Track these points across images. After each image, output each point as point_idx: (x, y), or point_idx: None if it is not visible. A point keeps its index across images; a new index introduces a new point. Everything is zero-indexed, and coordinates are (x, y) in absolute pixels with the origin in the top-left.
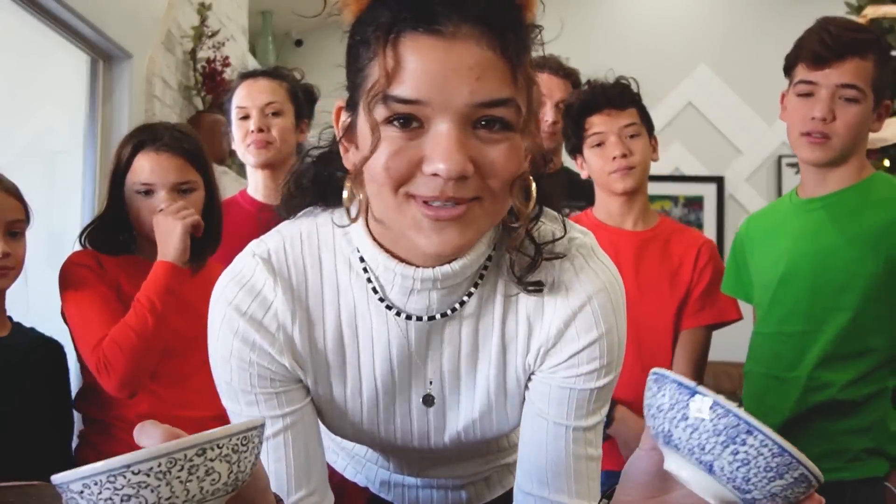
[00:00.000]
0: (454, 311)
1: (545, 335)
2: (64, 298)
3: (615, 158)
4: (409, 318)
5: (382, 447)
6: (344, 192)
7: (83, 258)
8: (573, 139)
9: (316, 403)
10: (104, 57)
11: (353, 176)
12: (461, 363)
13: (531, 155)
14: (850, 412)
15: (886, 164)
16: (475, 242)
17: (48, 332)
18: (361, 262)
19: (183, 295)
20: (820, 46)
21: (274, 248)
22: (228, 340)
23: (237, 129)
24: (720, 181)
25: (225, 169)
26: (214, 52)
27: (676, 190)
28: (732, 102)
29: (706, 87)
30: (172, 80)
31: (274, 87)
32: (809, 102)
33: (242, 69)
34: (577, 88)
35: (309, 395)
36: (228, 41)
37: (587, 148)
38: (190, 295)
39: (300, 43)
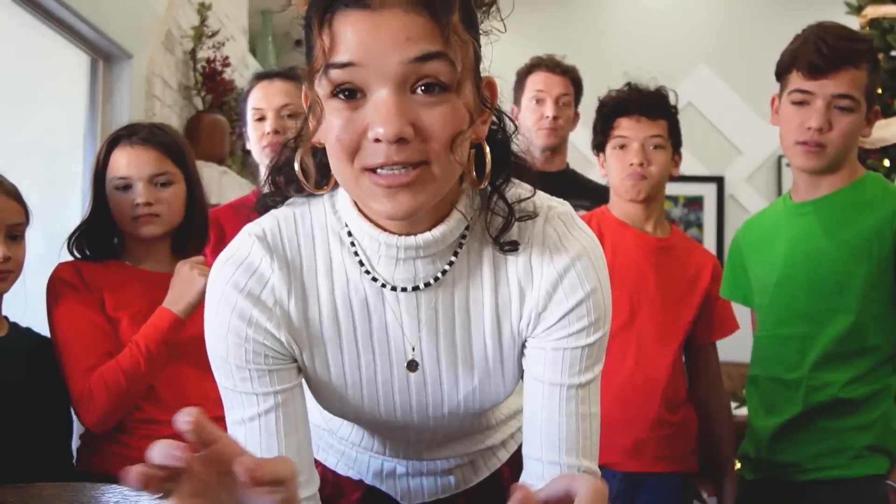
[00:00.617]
0: (437, 279)
1: (535, 299)
2: (49, 316)
3: (632, 165)
4: (394, 289)
5: (379, 426)
6: (296, 164)
7: (66, 273)
8: (600, 136)
9: (313, 380)
10: (104, 57)
11: (307, 148)
12: (456, 333)
13: (486, 118)
14: (852, 410)
15: (886, 164)
16: (427, 205)
17: (46, 332)
18: (350, 236)
19: None
20: (816, 56)
21: (269, 227)
22: (226, 317)
23: (253, 130)
24: (720, 181)
25: (225, 169)
26: (214, 52)
27: (676, 190)
28: (732, 102)
29: (706, 87)
30: (172, 80)
31: (289, 88)
32: (804, 111)
33: (254, 70)
34: (577, 85)
35: (300, 375)
36: (228, 41)
37: (610, 148)
38: None
39: (300, 43)
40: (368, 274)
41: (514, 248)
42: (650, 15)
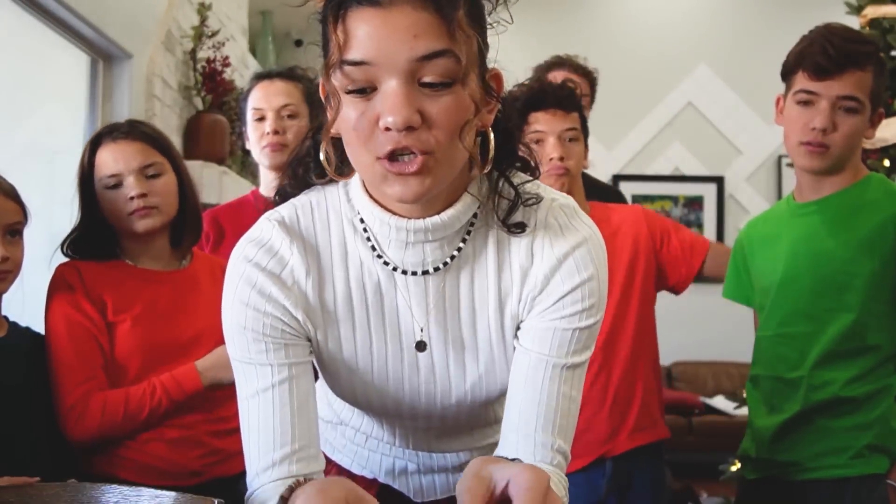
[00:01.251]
0: (446, 264)
1: (534, 282)
2: (46, 319)
3: (552, 159)
4: (405, 273)
5: (388, 412)
6: (321, 153)
7: (67, 274)
8: None
9: (326, 361)
10: (104, 57)
11: (328, 137)
12: (462, 317)
13: (492, 108)
14: (852, 409)
15: (886, 164)
16: (436, 188)
17: (42, 330)
18: (362, 223)
19: (171, 298)
20: (822, 58)
21: (288, 214)
22: (246, 291)
23: (252, 130)
24: (720, 181)
25: (225, 169)
26: (214, 52)
27: (676, 190)
28: (732, 102)
29: (706, 87)
30: (172, 80)
31: (290, 89)
32: (809, 112)
33: (254, 70)
34: (594, 88)
35: (311, 355)
36: (228, 41)
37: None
38: (177, 296)
39: (300, 43)
40: (380, 258)
41: (521, 228)
42: (650, 15)
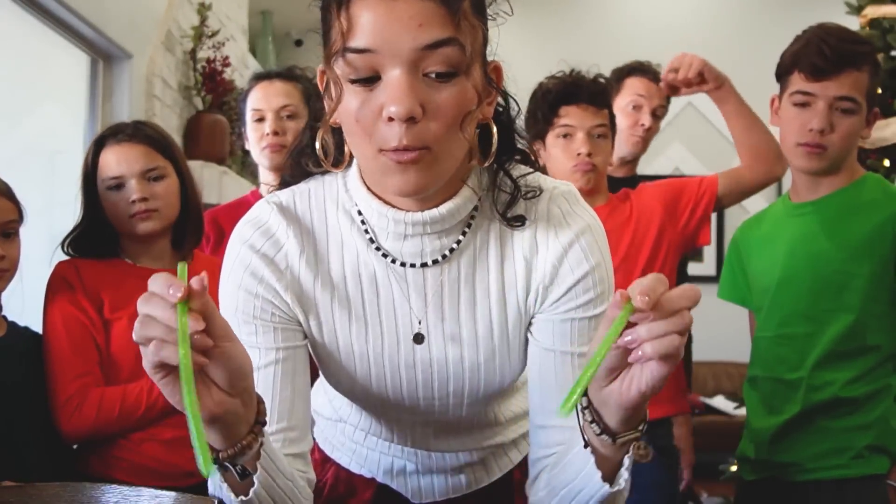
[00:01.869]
0: (446, 256)
1: (542, 273)
2: (44, 314)
3: (580, 155)
4: (404, 265)
5: (386, 407)
6: (317, 142)
7: (65, 272)
8: (541, 124)
9: (321, 351)
10: (104, 57)
11: (335, 127)
12: (461, 310)
13: (492, 100)
14: (852, 410)
15: (886, 163)
16: (436, 182)
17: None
18: (360, 214)
19: None
20: (819, 58)
21: (286, 199)
22: (239, 274)
23: (252, 130)
24: None
25: (225, 169)
26: (214, 52)
27: None
28: None
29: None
30: (172, 80)
31: (289, 89)
32: (806, 113)
33: (255, 70)
34: (669, 98)
35: (305, 340)
36: (228, 41)
37: (552, 137)
38: None
39: (300, 43)
40: (379, 250)
41: (521, 222)
42: (650, 15)
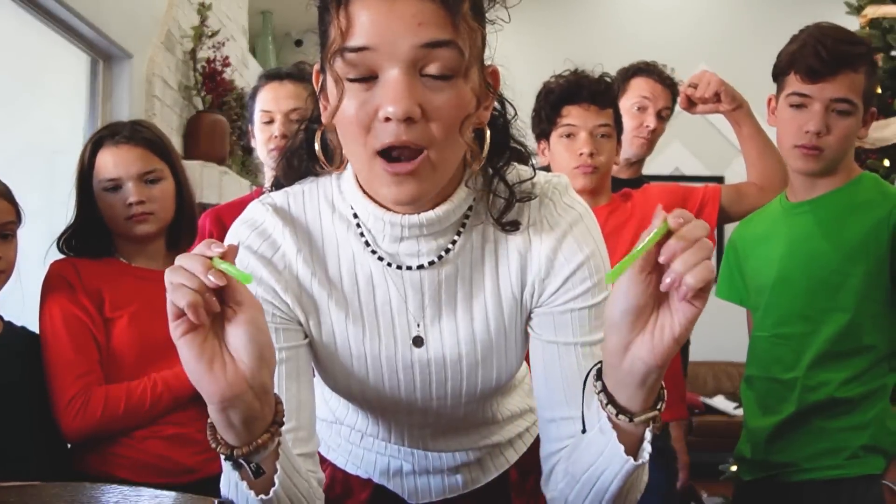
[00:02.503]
0: (441, 257)
1: (537, 267)
2: (42, 313)
3: (582, 155)
4: (400, 267)
5: (384, 407)
6: (315, 143)
7: (64, 270)
8: (544, 124)
9: (320, 351)
10: (104, 57)
11: (330, 128)
12: (459, 309)
13: (489, 104)
14: (847, 410)
15: (886, 163)
16: (432, 190)
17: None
18: (355, 217)
19: (166, 297)
20: (815, 60)
21: (280, 200)
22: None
23: (260, 131)
24: (720, 181)
25: (225, 169)
26: (214, 52)
27: None
28: None
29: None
30: (172, 80)
31: (299, 91)
32: (803, 115)
33: (255, 70)
34: (674, 100)
35: (307, 339)
36: (228, 41)
37: (555, 136)
38: None
39: (300, 43)
40: (374, 253)
41: (515, 227)
42: (650, 15)
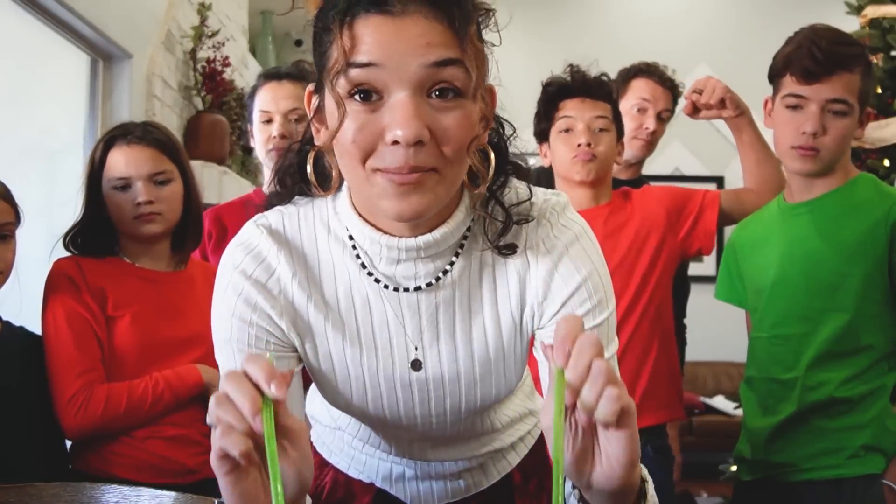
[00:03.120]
0: (439, 279)
1: (535, 289)
2: (45, 310)
3: (579, 146)
4: (397, 289)
5: (384, 424)
6: (308, 166)
7: (68, 268)
8: (543, 122)
9: (317, 373)
10: (104, 57)
11: (327, 150)
12: (457, 330)
13: (488, 124)
14: (847, 409)
15: (886, 163)
16: (436, 207)
17: (39, 330)
18: (351, 239)
19: (169, 298)
20: (810, 61)
21: (274, 222)
22: (232, 301)
23: (259, 131)
24: (720, 181)
25: (225, 169)
26: (214, 52)
27: None
28: None
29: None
30: (172, 80)
31: (298, 91)
32: (799, 116)
33: (255, 70)
34: (675, 101)
35: (300, 364)
36: (228, 41)
37: (554, 133)
38: (175, 296)
39: (300, 43)
40: (371, 275)
41: (512, 251)
42: (650, 15)
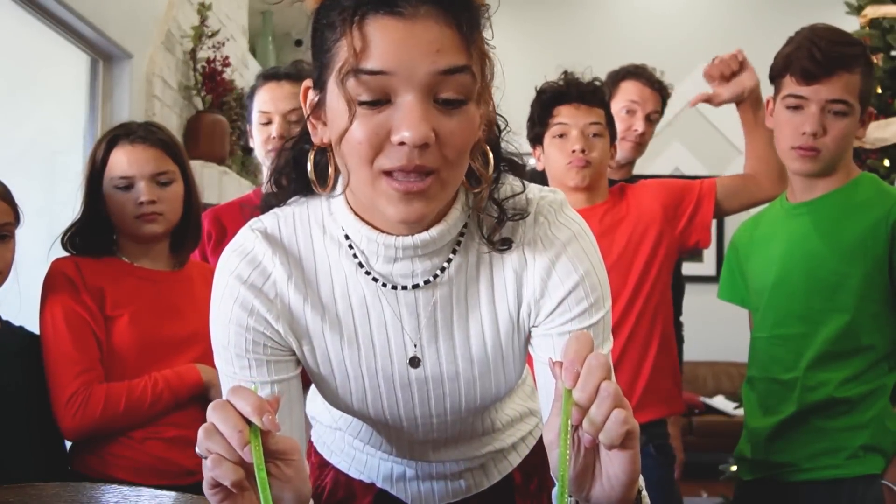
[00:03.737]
0: (437, 276)
1: (532, 287)
2: (43, 310)
3: (574, 152)
4: (395, 287)
5: (385, 424)
6: (308, 164)
7: (66, 268)
8: (537, 127)
9: (316, 375)
10: (104, 57)
11: (329, 149)
12: (455, 328)
13: (488, 125)
14: (847, 410)
15: (886, 163)
16: (436, 210)
17: (38, 329)
18: (347, 239)
19: (167, 297)
20: (809, 62)
21: (270, 224)
22: (229, 306)
23: (258, 132)
24: None
25: (225, 169)
26: (214, 52)
27: None
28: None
29: (706, 87)
30: (172, 80)
31: (297, 92)
32: (799, 116)
33: (255, 70)
34: (664, 103)
35: (298, 368)
36: (228, 41)
37: (548, 138)
38: (174, 296)
39: (300, 43)
40: (369, 274)
41: (507, 245)
42: (650, 15)
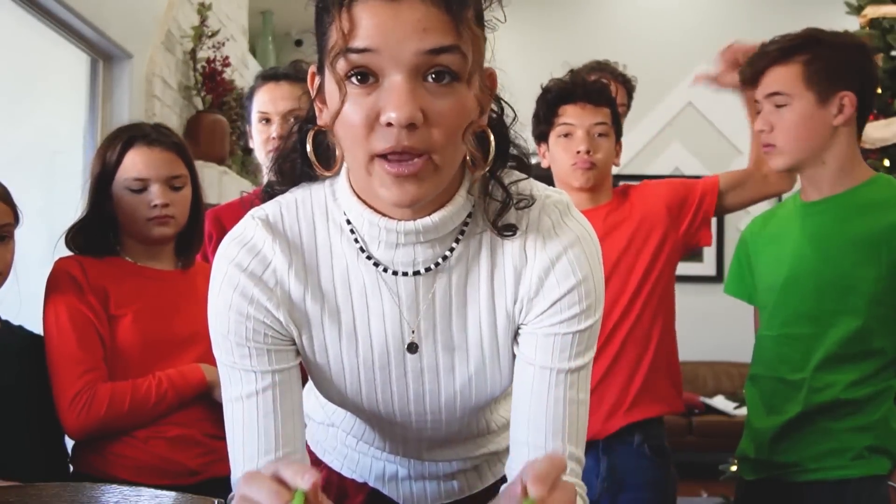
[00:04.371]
0: (438, 264)
1: (528, 284)
2: (46, 309)
3: (579, 153)
4: (395, 273)
5: (378, 419)
6: (308, 145)
7: (70, 267)
8: (543, 125)
9: (312, 364)
10: (104, 57)
11: (329, 130)
12: (453, 318)
13: (486, 108)
14: (853, 411)
15: (886, 163)
16: (432, 193)
17: (39, 330)
18: (349, 223)
19: (171, 297)
20: (746, 68)
21: (272, 212)
22: (228, 295)
23: (258, 132)
24: None
25: (225, 169)
26: (214, 52)
27: None
28: (732, 102)
29: (706, 87)
30: (172, 80)
31: (296, 92)
32: (759, 118)
33: (255, 70)
34: (631, 96)
35: (298, 357)
36: (228, 41)
37: (553, 137)
38: (177, 295)
39: (300, 43)
40: (370, 259)
41: (511, 231)
42: (650, 15)
